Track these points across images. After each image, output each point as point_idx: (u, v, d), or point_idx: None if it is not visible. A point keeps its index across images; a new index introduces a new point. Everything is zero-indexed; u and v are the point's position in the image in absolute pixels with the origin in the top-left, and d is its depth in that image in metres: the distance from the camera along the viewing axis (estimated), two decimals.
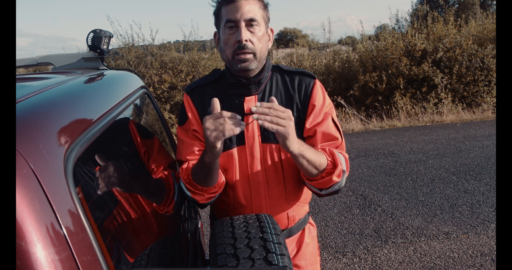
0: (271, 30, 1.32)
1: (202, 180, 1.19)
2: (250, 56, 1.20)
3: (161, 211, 1.18)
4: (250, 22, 1.19)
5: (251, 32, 1.20)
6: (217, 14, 1.26)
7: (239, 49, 1.19)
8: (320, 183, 1.22)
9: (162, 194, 1.24)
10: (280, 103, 1.29)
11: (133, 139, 1.22)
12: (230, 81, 1.29)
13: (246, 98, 1.28)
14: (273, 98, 1.08)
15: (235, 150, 1.28)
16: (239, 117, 1.04)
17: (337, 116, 7.91)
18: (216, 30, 1.30)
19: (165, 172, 1.33)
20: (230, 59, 1.22)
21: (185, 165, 1.25)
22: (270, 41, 1.31)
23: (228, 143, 1.27)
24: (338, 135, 1.28)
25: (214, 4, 1.26)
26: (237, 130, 1.03)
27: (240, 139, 1.27)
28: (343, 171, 1.23)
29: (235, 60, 1.21)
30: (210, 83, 1.34)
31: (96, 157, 0.86)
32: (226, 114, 1.03)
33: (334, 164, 1.20)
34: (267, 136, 1.27)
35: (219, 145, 1.05)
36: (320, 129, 1.27)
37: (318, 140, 1.27)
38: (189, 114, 1.31)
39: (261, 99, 1.29)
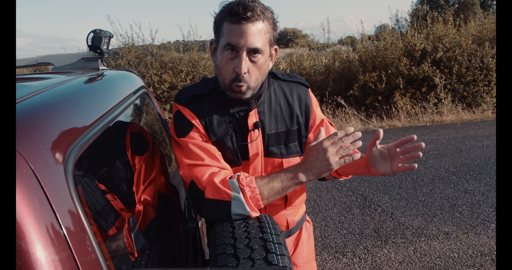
0: (276, 49, 1.22)
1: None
2: (244, 87, 1.13)
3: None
4: (252, 50, 1.09)
5: (252, 61, 1.11)
6: (218, 26, 1.14)
7: (235, 80, 1.11)
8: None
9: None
10: (281, 114, 1.26)
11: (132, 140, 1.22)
12: (229, 97, 1.19)
13: (250, 113, 1.21)
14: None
15: (240, 166, 1.24)
16: (359, 134, 1.08)
17: (337, 116, 7.93)
18: (213, 38, 1.19)
19: (162, 174, 1.33)
20: (227, 84, 1.14)
21: (221, 176, 1.10)
22: (272, 61, 1.21)
23: (236, 161, 1.22)
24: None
25: (216, 11, 1.15)
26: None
27: (244, 155, 1.23)
28: None
29: (231, 87, 1.13)
30: (205, 95, 1.23)
31: (96, 157, 0.86)
32: (341, 133, 1.07)
33: None
34: (271, 150, 1.24)
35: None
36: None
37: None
38: (195, 124, 1.19)
39: (261, 111, 1.23)
